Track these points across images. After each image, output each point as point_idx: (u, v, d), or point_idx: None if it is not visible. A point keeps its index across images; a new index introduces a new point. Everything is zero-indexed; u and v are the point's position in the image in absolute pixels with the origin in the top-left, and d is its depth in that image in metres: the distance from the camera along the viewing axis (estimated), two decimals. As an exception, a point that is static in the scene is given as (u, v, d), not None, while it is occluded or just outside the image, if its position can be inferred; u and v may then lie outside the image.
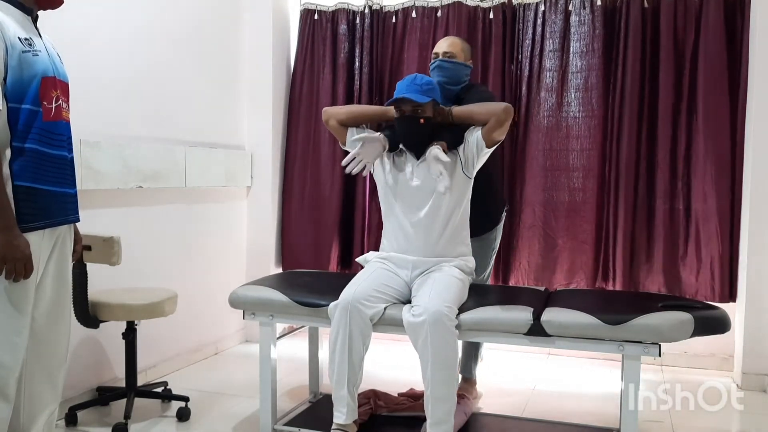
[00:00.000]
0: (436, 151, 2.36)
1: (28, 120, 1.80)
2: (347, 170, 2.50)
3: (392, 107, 2.51)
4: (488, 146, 2.45)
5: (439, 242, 2.51)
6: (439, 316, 2.23)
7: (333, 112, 2.64)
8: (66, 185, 1.95)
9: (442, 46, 2.76)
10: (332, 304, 2.37)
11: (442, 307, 2.25)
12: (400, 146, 2.57)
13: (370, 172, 2.59)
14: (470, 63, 2.82)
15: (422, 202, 2.49)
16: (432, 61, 2.76)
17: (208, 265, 3.74)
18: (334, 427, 2.38)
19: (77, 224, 2.12)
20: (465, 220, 2.59)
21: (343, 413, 2.38)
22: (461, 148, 2.49)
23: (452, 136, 2.47)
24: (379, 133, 2.53)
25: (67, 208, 1.96)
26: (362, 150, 2.48)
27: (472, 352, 2.97)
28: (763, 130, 3.25)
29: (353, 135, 2.55)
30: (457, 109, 2.51)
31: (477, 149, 2.47)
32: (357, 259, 2.77)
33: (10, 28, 1.77)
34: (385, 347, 3.58)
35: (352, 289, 2.37)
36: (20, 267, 1.78)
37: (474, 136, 2.47)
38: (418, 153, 2.50)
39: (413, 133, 2.47)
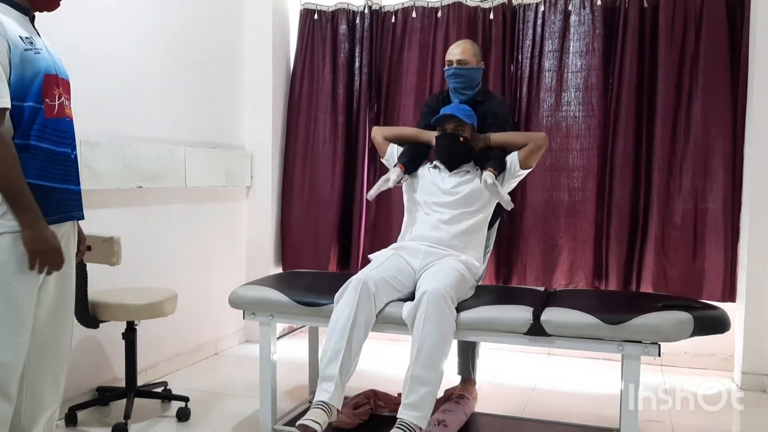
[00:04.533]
0: (487, 175, 2.59)
1: (31, 117, 1.80)
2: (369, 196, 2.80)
3: (427, 131, 2.79)
4: (522, 168, 2.68)
5: (454, 234, 2.63)
6: (440, 294, 2.26)
7: (380, 130, 2.96)
8: (70, 182, 1.95)
9: (455, 53, 2.80)
10: (341, 288, 2.39)
11: (443, 287, 2.29)
12: (435, 162, 2.79)
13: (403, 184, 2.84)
14: (482, 64, 2.89)
15: (447, 201, 2.69)
16: (446, 68, 2.82)
17: (208, 265, 3.74)
18: (316, 402, 2.26)
19: (82, 224, 2.12)
20: (482, 229, 2.74)
21: (329, 391, 2.26)
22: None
23: (497, 162, 2.68)
24: (394, 169, 2.75)
25: (71, 205, 1.96)
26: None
27: (469, 352, 2.96)
28: (763, 130, 3.25)
29: (393, 150, 2.84)
30: (494, 136, 2.73)
31: (512, 170, 2.69)
32: (369, 256, 2.79)
33: (11, 27, 1.78)
34: (385, 347, 3.58)
35: (364, 273, 2.42)
36: (52, 259, 1.82)
37: (510, 159, 2.70)
38: (451, 167, 2.74)
39: (452, 149, 2.69)
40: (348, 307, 2.33)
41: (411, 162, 2.79)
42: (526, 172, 2.72)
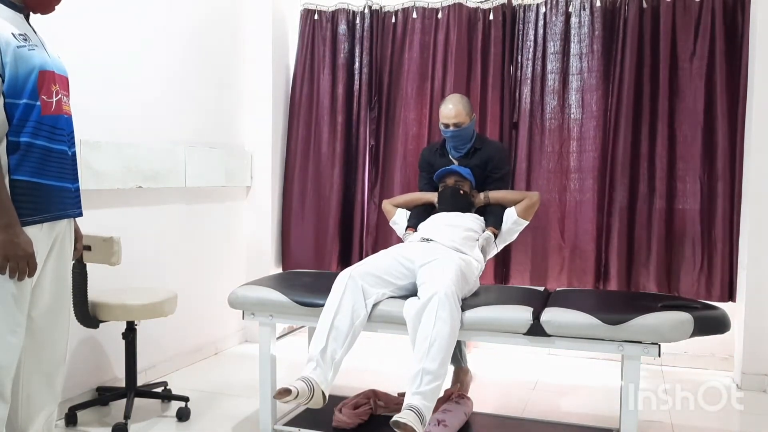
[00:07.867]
0: (488, 235, 2.85)
1: (25, 114, 1.79)
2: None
3: (429, 192, 3.07)
4: (522, 219, 2.91)
5: (454, 233, 2.74)
6: (450, 293, 2.29)
7: (388, 201, 3.25)
8: (66, 180, 1.94)
9: (449, 117, 2.96)
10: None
11: (451, 286, 2.32)
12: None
13: None
14: (474, 116, 3.04)
15: (449, 216, 2.91)
16: (443, 129, 3.00)
17: (208, 265, 3.74)
18: (298, 377, 2.29)
19: (79, 222, 2.11)
20: (480, 231, 2.88)
21: (309, 369, 2.30)
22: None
23: (494, 218, 2.93)
24: (406, 234, 3.01)
25: (66, 202, 1.95)
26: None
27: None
28: (763, 130, 3.25)
29: (399, 214, 3.13)
30: (492, 194, 2.98)
31: (511, 224, 2.93)
32: None
33: (4, 25, 1.77)
34: (386, 347, 3.58)
35: (351, 268, 2.48)
36: (23, 265, 1.78)
37: (507, 215, 2.93)
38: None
39: (452, 200, 2.95)
40: (333, 298, 2.39)
41: (418, 222, 3.00)
42: (526, 223, 2.95)
